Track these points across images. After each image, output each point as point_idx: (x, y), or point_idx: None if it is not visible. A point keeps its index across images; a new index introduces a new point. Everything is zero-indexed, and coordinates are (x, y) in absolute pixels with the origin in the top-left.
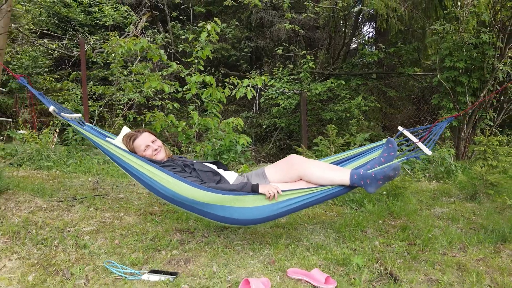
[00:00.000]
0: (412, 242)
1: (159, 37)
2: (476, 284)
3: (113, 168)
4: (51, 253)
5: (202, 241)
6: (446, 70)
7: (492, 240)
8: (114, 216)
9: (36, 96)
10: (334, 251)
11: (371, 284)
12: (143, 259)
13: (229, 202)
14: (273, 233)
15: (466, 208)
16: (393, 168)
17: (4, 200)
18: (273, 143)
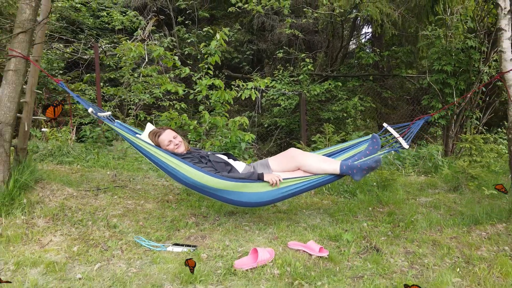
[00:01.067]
0: (396, 225)
1: (166, 41)
2: (446, 255)
3: (128, 163)
4: (88, 231)
5: (215, 223)
6: (435, 73)
7: (466, 223)
8: (136, 203)
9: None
10: (328, 230)
11: (358, 255)
12: (166, 236)
13: (239, 188)
14: (276, 217)
15: (448, 198)
16: (375, 160)
17: (40, 189)
18: (274, 142)
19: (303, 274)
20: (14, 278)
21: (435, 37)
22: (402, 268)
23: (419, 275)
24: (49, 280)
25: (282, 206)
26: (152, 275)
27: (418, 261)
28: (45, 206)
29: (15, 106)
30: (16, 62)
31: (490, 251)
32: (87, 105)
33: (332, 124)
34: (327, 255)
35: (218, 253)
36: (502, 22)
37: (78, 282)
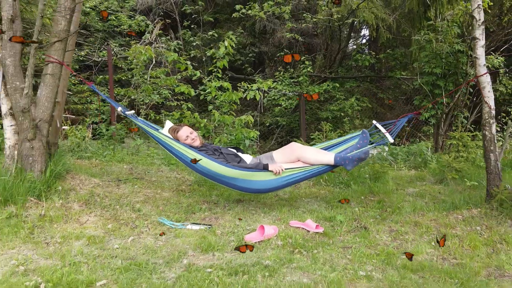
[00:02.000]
0: (384, 210)
1: (173, 44)
2: (425, 233)
3: (142, 158)
4: (117, 213)
5: (225, 208)
6: (426, 75)
7: (445, 208)
8: (154, 192)
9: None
10: (324, 213)
11: (349, 233)
12: (184, 217)
13: (247, 176)
14: (278, 203)
15: (434, 189)
16: (364, 152)
17: (70, 178)
18: (275, 140)
19: (302, 245)
20: (60, 248)
21: (425, 41)
22: (386, 242)
23: (399, 246)
24: (92, 249)
25: (283, 195)
26: (177, 246)
27: (400, 237)
28: (77, 193)
29: (52, 106)
30: (53, 67)
31: (463, 230)
32: (116, 105)
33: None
34: (322, 231)
35: (230, 230)
36: (476, 32)
37: (116, 251)
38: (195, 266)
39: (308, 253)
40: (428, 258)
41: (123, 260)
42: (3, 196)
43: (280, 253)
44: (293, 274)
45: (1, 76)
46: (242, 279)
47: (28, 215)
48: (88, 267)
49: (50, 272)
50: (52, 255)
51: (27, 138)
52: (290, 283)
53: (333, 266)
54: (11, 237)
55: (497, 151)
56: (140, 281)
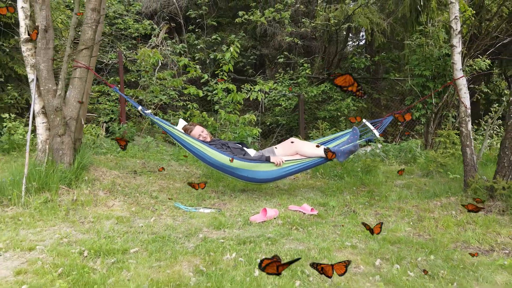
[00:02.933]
0: (373, 198)
1: (178, 47)
2: (406, 216)
3: (152, 154)
4: (137, 199)
5: (231, 196)
6: (416, 77)
7: (427, 196)
8: (167, 183)
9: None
10: (319, 200)
11: (340, 216)
12: (196, 203)
13: (252, 167)
14: (278, 193)
15: (420, 181)
16: (354, 145)
17: (93, 170)
18: (275, 138)
19: (299, 223)
20: (94, 226)
21: (416, 45)
22: (371, 222)
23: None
24: (121, 227)
25: (283, 186)
26: (193, 224)
27: (384, 219)
28: (101, 182)
29: (79, 105)
30: (80, 71)
31: (440, 214)
32: (137, 105)
33: (327, 122)
34: (316, 213)
35: (237, 213)
36: (454, 40)
37: (142, 228)
38: (210, 238)
39: (304, 230)
40: (406, 234)
41: (148, 234)
42: (39, 183)
43: (280, 229)
44: (291, 244)
45: (35, 79)
46: (249, 246)
47: (62, 200)
48: (121, 239)
49: (90, 243)
50: (88, 231)
51: (58, 133)
52: (289, 249)
53: (325, 238)
54: (51, 217)
55: (473, 145)
56: (166, 249)
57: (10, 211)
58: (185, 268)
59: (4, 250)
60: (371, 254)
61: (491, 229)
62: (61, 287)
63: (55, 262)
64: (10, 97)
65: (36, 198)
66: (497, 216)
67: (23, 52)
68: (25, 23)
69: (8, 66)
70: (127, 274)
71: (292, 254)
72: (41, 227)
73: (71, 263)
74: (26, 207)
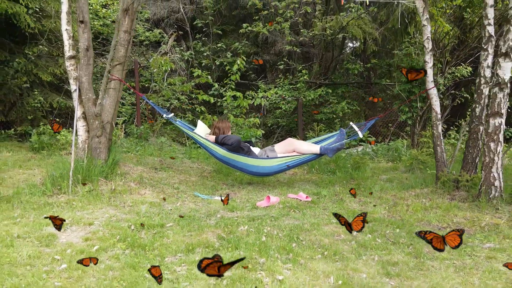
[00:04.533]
0: (359, 189)
1: (186, 54)
2: (384, 203)
3: (167, 153)
4: (163, 189)
5: (240, 187)
6: (403, 84)
7: (405, 188)
8: (184, 177)
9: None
10: (313, 190)
11: (330, 202)
12: (211, 193)
13: (256, 163)
14: (279, 185)
15: (402, 176)
16: (340, 144)
17: (123, 166)
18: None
19: (296, 207)
20: (133, 209)
21: (403, 54)
22: (354, 208)
23: (363, 209)
24: (154, 210)
25: (283, 180)
26: (212, 208)
27: (365, 205)
28: (130, 176)
29: (113, 111)
30: (115, 83)
31: (412, 201)
32: (162, 112)
33: (324, 124)
34: (310, 200)
35: (246, 200)
36: (426, 57)
37: (171, 210)
38: (226, 217)
39: (299, 211)
40: (381, 215)
41: (177, 215)
42: (82, 176)
43: (281, 211)
44: (289, 220)
45: (78, 89)
46: (257, 222)
47: (102, 190)
48: (157, 217)
49: (134, 220)
50: (129, 212)
51: (96, 135)
52: (287, 224)
53: (315, 217)
54: (97, 202)
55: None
56: (193, 224)
57: (62, 198)
58: (210, 236)
59: (70, 225)
60: None
61: (451, 212)
62: (121, 248)
63: (111, 232)
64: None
65: (82, 188)
66: (458, 203)
67: (67, 66)
68: (69, 42)
69: (32, 72)
70: (168, 240)
71: (290, 227)
72: (92, 209)
73: (124, 233)
74: (75, 195)
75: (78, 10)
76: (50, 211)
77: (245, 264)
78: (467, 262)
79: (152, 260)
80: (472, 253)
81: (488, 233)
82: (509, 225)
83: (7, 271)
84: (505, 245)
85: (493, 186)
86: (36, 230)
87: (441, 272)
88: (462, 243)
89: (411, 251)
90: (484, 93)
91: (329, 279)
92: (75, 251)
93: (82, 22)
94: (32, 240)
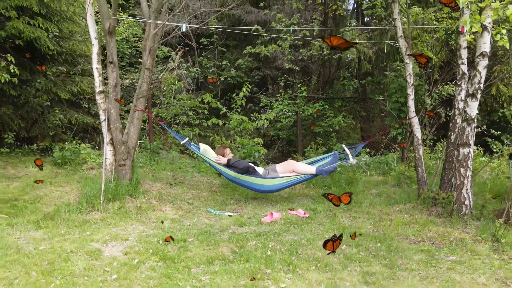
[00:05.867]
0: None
1: (193, 71)
2: (371, 218)
3: (177, 166)
4: (180, 205)
5: (246, 202)
6: (393, 102)
7: (390, 203)
8: (197, 192)
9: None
10: (310, 206)
11: (324, 217)
12: (221, 208)
13: (260, 181)
14: (281, 200)
15: (390, 190)
16: (333, 167)
17: (144, 184)
18: (277, 149)
19: (295, 222)
20: (158, 225)
21: (393, 76)
22: (345, 222)
23: (352, 224)
24: (175, 225)
25: (284, 195)
26: (224, 223)
27: (354, 220)
28: (151, 193)
29: (136, 137)
30: (139, 113)
31: (396, 216)
32: (180, 139)
33: (321, 136)
34: (307, 216)
35: (252, 216)
36: (408, 90)
37: (189, 226)
38: (237, 232)
39: (298, 227)
40: (367, 230)
41: (195, 230)
42: (112, 195)
43: (282, 226)
44: (289, 236)
45: (106, 119)
46: (263, 237)
47: (129, 207)
48: (179, 232)
49: (161, 235)
50: (155, 228)
51: (123, 158)
52: (288, 239)
53: (311, 232)
54: (127, 219)
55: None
56: (210, 239)
57: (96, 215)
58: (225, 250)
59: (109, 241)
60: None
61: (426, 227)
62: (155, 260)
63: (145, 247)
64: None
65: (113, 206)
66: (435, 218)
67: (97, 100)
68: (99, 79)
69: (52, 91)
70: (191, 253)
71: (290, 242)
72: (124, 226)
73: (155, 247)
74: (107, 212)
75: (108, 52)
76: (89, 229)
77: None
78: (431, 273)
79: (182, 271)
80: (437, 264)
81: (454, 247)
82: (473, 239)
83: (70, 281)
84: (465, 258)
85: (464, 205)
86: (84, 245)
87: (408, 281)
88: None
89: (387, 263)
90: (458, 123)
91: (321, 287)
92: (120, 264)
93: (111, 62)
94: (83, 255)
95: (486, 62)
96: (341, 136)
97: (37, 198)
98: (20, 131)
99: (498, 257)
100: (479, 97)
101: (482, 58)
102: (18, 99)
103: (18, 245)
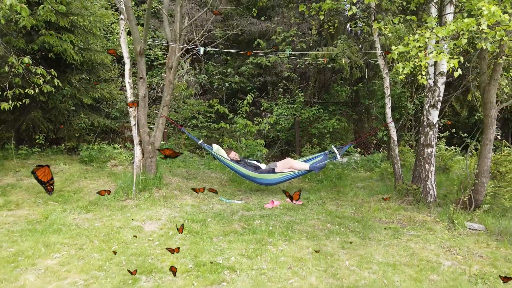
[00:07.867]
0: (338, 195)
1: (200, 78)
2: (354, 205)
3: (190, 164)
4: (197, 195)
5: (251, 193)
6: (380, 107)
7: (371, 194)
8: (208, 185)
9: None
10: (304, 196)
11: (316, 205)
12: (231, 197)
13: (263, 176)
14: (280, 192)
15: (374, 184)
16: (323, 163)
17: (165, 177)
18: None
19: (291, 208)
20: (182, 209)
21: (380, 84)
22: (331, 208)
23: (337, 209)
24: (195, 210)
25: (283, 187)
26: (234, 208)
27: (339, 207)
28: (171, 185)
29: (160, 139)
30: (163, 120)
31: (374, 204)
32: (197, 140)
33: (317, 138)
34: (301, 203)
35: (256, 203)
36: (386, 100)
37: (207, 210)
38: (245, 215)
39: (293, 211)
40: (348, 214)
41: (212, 213)
42: (142, 186)
43: (281, 211)
44: (287, 217)
45: (136, 124)
46: (266, 218)
47: (156, 196)
48: (200, 215)
49: (185, 216)
50: (179, 212)
51: (149, 156)
52: (285, 219)
53: (304, 215)
54: (156, 205)
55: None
56: (224, 219)
57: (131, 202)
58: (237, 226)
59: (146, 220)
60: (326, 221)
61: (397, 212)
62: (185, 233)
63: (174, 225)
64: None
65: (143, 195)
66: (406, 205)
67: (129, 108)
68: (130, 91)
69: (76, 97)
70: (211, 228)
71: (287, 221)
72: (155, 210)
73: (184, 224)
74: (139, 200)
75: (138, 70)
76: (129, 212)
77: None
78: (393, 242)
79: (205, 240)
80: (399, 237)
81: (416, 226)
82: (433, 221)
83: (124, 246)
84: (422, 233)
85: (429, 194)
86: (128, 223)
87: (374, 247)
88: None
89: (361, 236)
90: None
91: (308, 249)
92: (158, 235)
93: (141, 78)
94: (129, 230)
95: (444, 79)
96: (335, 137)
97: (78, 189)
98: (49, 132)
99: (450, 234)
100: (439, 107)
101: (441, 76)
102: (46, 104)
103: (77, 223)
